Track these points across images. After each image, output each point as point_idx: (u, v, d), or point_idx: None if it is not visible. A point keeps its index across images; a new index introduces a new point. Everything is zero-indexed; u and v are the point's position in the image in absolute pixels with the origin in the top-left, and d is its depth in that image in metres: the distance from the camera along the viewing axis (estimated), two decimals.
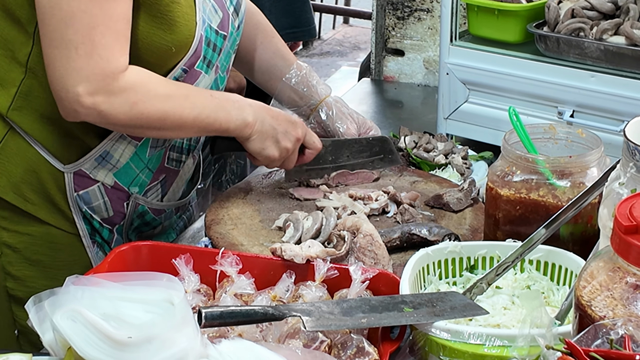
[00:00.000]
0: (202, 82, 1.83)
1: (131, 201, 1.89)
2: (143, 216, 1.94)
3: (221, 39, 1.84)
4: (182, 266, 1.49)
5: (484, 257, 1.57)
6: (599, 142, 1.63)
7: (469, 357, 1.30)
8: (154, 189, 1.93)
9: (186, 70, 1.78)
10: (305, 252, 1.54)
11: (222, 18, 1.84)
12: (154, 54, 1.72)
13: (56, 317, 1.18)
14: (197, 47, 1.76)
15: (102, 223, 1.88)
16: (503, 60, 2.22)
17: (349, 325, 1.35)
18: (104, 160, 1.82)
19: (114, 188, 1.86)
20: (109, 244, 1.92)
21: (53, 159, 1.80)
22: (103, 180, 1.84)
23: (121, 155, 1.83)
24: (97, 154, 1.81)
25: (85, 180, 1.83)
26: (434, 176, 2.03)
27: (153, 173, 1.89)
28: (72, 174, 1.81)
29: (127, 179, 1.86)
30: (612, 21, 2.10)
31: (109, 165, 1.83)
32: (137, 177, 1.87)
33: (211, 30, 1.80)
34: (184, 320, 1.20)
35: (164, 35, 1.71)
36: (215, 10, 1.82)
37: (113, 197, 1.87)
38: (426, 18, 2.81)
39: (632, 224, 1.07)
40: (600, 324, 1.04)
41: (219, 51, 1.85)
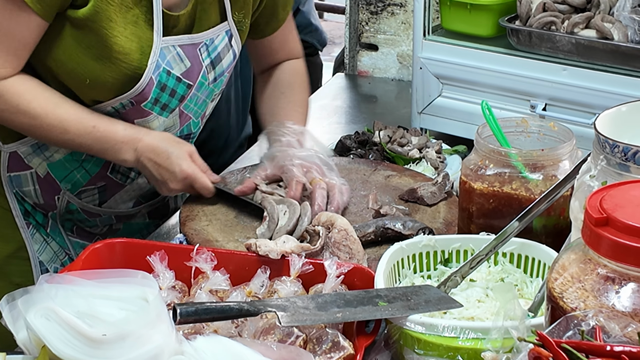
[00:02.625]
0: (156, 122, 1.85)
1: (61, 196, 1.92)
2: (73, 213, 1.97)
3: (184, 87, 1.85)
4: (156, 263, 1.49)
5: (458, 251, 1.58)
6: (570, 135, 1.65)
7: (444, 350, 1.31)
8: (89, 193, 1.95)
9: (133, 103, 1.80)
10: (280, 247, 1.54)
11: (190, 68, 1.84)
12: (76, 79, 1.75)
13: (30, 315, 1.18)
14: (145, 88, 1.77)
15: (35, 207, 1.93)
16: (476, 55, 2.23)
17: (324, 320, 1.35)
18: (39, 149, 1.86)
19: (45, 179, 1.89)
20: (44, 227, 1.96)
21: None
22: (36, 169, 1.88)
23: (56, 151, 1.87)
24: (33, 141, 1.85)
25: (19, 163, 1.88)
26: (408, 170, 2.04)
27: (90, 177, 1.92)
28: (7, 154, 1.87)
29: (60, 174, 1.89)
30: (583, 15, 2.11)
31: (43, 156, 1.87)
32: (71, 174, 1.90)
33: (170, 76, 1.81)
34: (158, 317, 1.20)
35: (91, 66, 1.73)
36: (181, 59, 1.82)
37: (44, 187, 1.91)
38: (399, 13, 2.82)
39: (602, 216, 1.08)
40: (572, 316, 1.05)
41: (180, 97, 1.85)
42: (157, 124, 1.86)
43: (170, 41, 1.79)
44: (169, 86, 1.82)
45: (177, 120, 1.89)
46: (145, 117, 1.84)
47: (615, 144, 1.27)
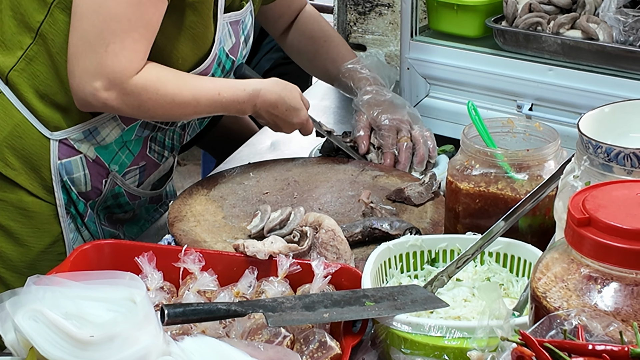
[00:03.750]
0: None
1: (109, 179, 1.95)
2: (117, 197, 2.00)
3: (229, 63, 1.97)
4: (145, 264, 1.50)
5: (444, 250, 1.59)
6: (556, 135, 1.66)
7: (430, 349, 1.32)
8: (133, 173, 2.00)
9: None
10: (267, 248, 1.55)
11: (234, 44, 1.96)
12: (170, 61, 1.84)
13: (18, 317, 1.18)
14: (210, 64, 1.89)
15: (79, 196, 1.94)
16: (463, 55, 2.24)
17: (312, 320, 1.36)
18: (91, 134, 1.89)
19: (95, 162, 1.92)
20: (82, 217, 1.97)
21: (41, 126, 1.86)
22: (86, 153, 1.90)
23: (107, 135, 1.90)
24: (85, 128, 1.88)
25: (69, 149, 1.89)
26: (395, 170, 2.05)
27: (134, 157, 1.97)
28: (57, 142, 1.88)
29: (108, 156, 1.93)
30: (569, 15, 2.12)
31: (94, 141, 1.90)
32: (117, 155, 1.94)
33: (223, 52, 1.93)
34: (146, 318, 1.21)
35: (186, 47, 1.84)
36: (230, 34, 1.94)
37: (93, 171, 1.93)
38: (387, 13, 2.82)
39: (585, 217, 1.09)
40: (555, 315, 1.06)
41: (226, 73, 1.98)
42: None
43: (225, 18, 1.91)
44: (222, 62, 1.94)
45: None
46: None
47: (599, 145, 1.29)
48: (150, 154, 2.01)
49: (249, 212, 1.85)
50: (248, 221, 1.79)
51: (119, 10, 1.70)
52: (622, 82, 2.02)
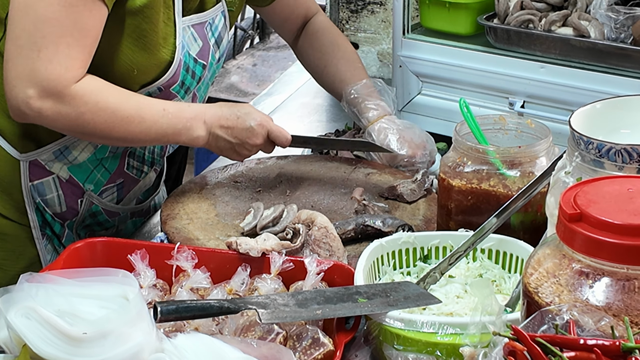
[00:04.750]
0: None
1: (85, 198, 1.89)
2: (96, 216, 1.95)
3: (200, 68, 1.88)
4: (137, 262, 1.50)
5: (437, 247, 1.59)
6: (547, 132, 1.67)
7: (423, 345, 1.33)
8: (110, 191, 1.94)
9: (161, 89, 1.81)
10: (260, 245, 1.55)
11: (202, 47, 1.87)
12: (124, 72, 1.75)
13: (10, 314, 1.18)
14: (176, 71, 1.80)
15: (54, 217, 1.89)
16: (455, 53, 2.24)
17: (304, 317, 1.36)
18: (62, 154, 1.83)
19: (69, 182, 1.86)
20: (59, 238, 1.93)
21: (9, 147, 1.81)
22: (58, 173, 1.85)
23: (80, 154, 1.84)
24: (55, 148, 1.82)
25: (40, 170, 1.84)
26: (388, 168, 2.05)
27: (110, 174, 1.91)
28: (27, 163, 1.83)
29: (82, 175, 1.87)
30: (560, 12, 2.13)
31: (65, 160, 1.84)
32: (92, 174, 1.88)
33: (189, 57, 1.84)
34: (138, 315, 1.21)
35: (140, 56, 1.74)
36: (194, 38, 1.84)
37: (67, 192, 1.87)
38: (379, 11, 2.83)
39: (576, 212, 1.09)
40: (546, 310, 1.06)
41: (197, 79, 1.89)
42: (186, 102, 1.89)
43: (186, 21, 1.81)
44: (190, 67, 1.85)
45: (189, 102, 1.91)
46: (170, 100, 1.84)
47: (590, 141, 1.29)
48: (129, 170, 1.95)
49: (241, 209, 1.85)
50: (241, 219, 1.80)
51: (49, 13, 1.61)
52: (613, 79, 2.03)
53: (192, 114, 1.78)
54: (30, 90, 1.62)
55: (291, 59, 6.54)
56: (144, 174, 2.00)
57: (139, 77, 1.77)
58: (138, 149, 1.93)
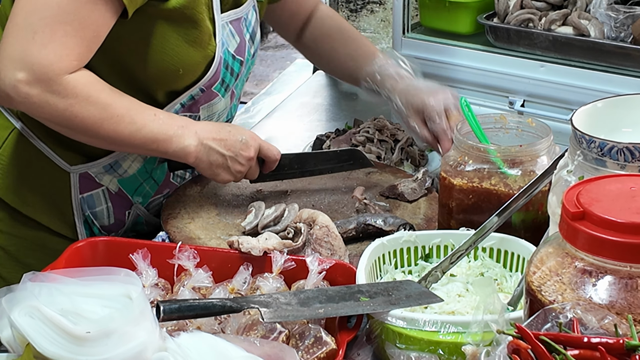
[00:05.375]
0: (219, 104, 1.85)
1: (132, 210, 1.89)
2: (136, 226, 1.95)
3: (238, 64, 1.85)
4: (139, 261, 1.50)
5: (438, 246, 1.59)
6: (548, 130, 1.67)
7: (425, 344, 1.33)
8: (157, 202, 1.94)
9: (203, 90, 1.79)
10: (262, 244, 1.55)
11: (239, 43, 1.84)
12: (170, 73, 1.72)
13: (14, 313, 1.18)
14: (217, 69, 1.77)
15: (101, 230, 1.88)
16: (454, 52, 2.25)
17: (307, 316, 1.37)
18: (112, 168, 1.82)
19: (118, 195, 1.86)
20: None
21: (59, 160, 1.80)
22: (108, 186, 1.84)
23: (129, 167, 1.84)
24: (106, 162, 1.81)
25: (90, 182, 1.82)
26: (388, 167, 2.05)
27: (158, 186, 1.91)
28: (77, 175, 1.81)
29: (131, 188, 1.87)
30: (560, 12, 2.14)
31: (115, 174, 1.83)
32: (141, 186, 1.88)
33: (228, 53, 1.81)
34: (142, 315, 1.21)
35: (189, 53, 1.71)
36: (232, 35, 1.82)
37: (116, 204, 1.87)
38: (379, 10, 2.83)
39: (579, 210, 1.10)
40: (550, 308, 1.07)
41: (236, 76, 1.86)
42: (220, 106, 1.86)
43: (224, 18, 1.79)
44: (229, 64, 1.82)
45: (228, 101, 1.89)
46: (212, 100, 1.82)
47: (592, 140, 1.29)
48: (174, 179, 1.93)
49: (242, 208, 1.85)
50: (242, 218, 1.80)
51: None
52: (613, 77, 2.04)
53: (183, 122, 1.72)
54: (20, 73, 1.55)
55: (289, 58, 6.55)
56: (184, 180, 1.97)
57: (185, 77, 1.75)
58: None
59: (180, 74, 1.73)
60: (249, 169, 1.79)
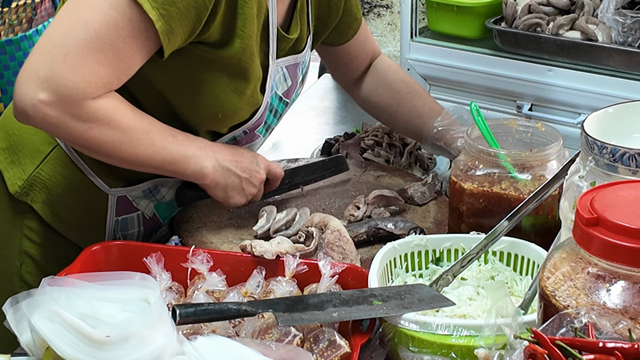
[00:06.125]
0: (258, 144, 1.86)
1: (159, 232, 1.90)
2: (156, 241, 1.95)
3: (283, 106, 1.84)
4: (153, 265, 1.51)
5: (449, 250, 1.60)
6: (558, 135, 1.68)
7: (437, 347, 1.34)
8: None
9: (246, 132, 1.79)
10: (275, 248, 1.56)
11: (290, 86, 1.83)
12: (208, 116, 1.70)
13: (34, 317, 1.20)
14: (262, 114, 1.77)
15: None
16: (462, 56, 2.26)
17: (321, 320, 1.38)
18: (151, 193, 1.84)
19: (151, 219, 1.87)
20: None
21: (99, 182, 1.80)
22: (144, 210, 1.85)
23: (167, 193, 1.85)
24: (145, 187, 1.82)
25: (127, 206, 1.83)
26: (397, 170, 2.07)
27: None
28: (115, 198, 1.82)
29: (165, 213, 1.88)
30: (568, 16, 2.15)
31: (153, 199, 1.84)
32: (174, 211, 1.89)
33: (276, 96, 1.80)
34: (160, 318, 1.22)
35: (232, 100, 1.69)
36: (284, 78, 1.81)
37: (147, 228, 1.88)
38: (386, 14, 2.85)
39: (593, 216, 1.11)
40: (565, 313, 1.08)
41: (279, 116, 1.86)
42: (258, 145, 1.87)
43: (280, 63, 1.78)
44: (275, 107, 1.82)
45: (267, 137, 1.90)
46: (253, 141, 1.83)
47: (604, 145, 1.31)
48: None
49: (253, 213, 1.86)
50: (253, 222, 1.81)
51: (90, 21, 1.51)
52: (620, 82, 2.05)
53: (202, 143, 1.71)
54: (42, 94, 1.51)
55: None
56: None
57: (224, 121, 1.74)
58: None
59: (219, 118, 1.71)
60: (255, 193, 1.80)
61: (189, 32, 1.57)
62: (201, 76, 1.66)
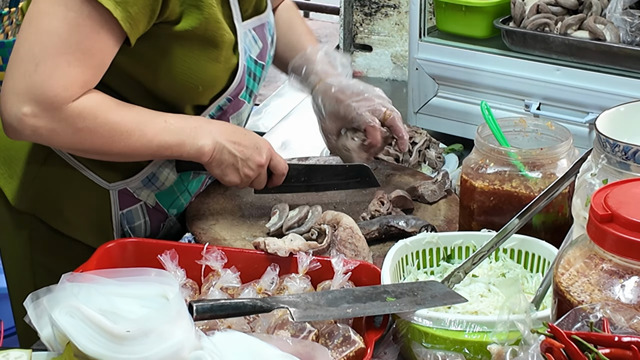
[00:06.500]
0: (246, 111, 1.86)
1: (167, 223, 1.92)
2: (166, 236, 1.96)
3: (260, 69, 1.85)
4: (167, 262, 1.52)
5: (460, 247, 1.62)
6: (568, 134, 1.69)
7: (450, 343, 1.35)
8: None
9: (230, 100, 1.80)
10: (288, 245, 1.58)
11: (262, 48, 1.84)
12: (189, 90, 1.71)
13: (55, 313, 1.21)
14: (241, 78, 1.77)
15: None
16: (471, 55, 2.27)
17: (335, 316, 1.39)
18: (150, 182, 1.84)
19: (155, 209, 1.88)
20: None
21: (97, 178, 1.81)
22: (146, 200, 1.86)
23: (166, 179, 1.85)
24: (143, 176, 1.83)
25: (129, 198, 1.84)
26: (407, 169, 2.08)
27: (191, 196, 1.93)
28: (117, 192, 1.83)
29: (168, 201, 1.89)
30: (576, 16, 2.16)
31: (153, 187, 1.85)
32: (177, 199, 1.90)
33: (251, 60, 1.81)
34: (179, 314, 1.24)
35: (212, 69, 1.71)
36: (255, 41, 1.82)
37: (153, 218, 1.89)
38: (393, 14, 2.86)
39: (607, 213, 1.12)
40: (580, 309, 1.09)
41: (258, 80, 1.86)
42: (246, 113, 1.87)
43: (246, 26, 1.79)
44: (252, 71, 1.82)
45: (252, 104, 1.90)
46: (240, 109, 1.83)
47: (616, 144, 1.32)
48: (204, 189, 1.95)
49: (265, 210, 1.88)
50: (265, 219, 1.82)
51: (52, 28, 1.54)
52: (628, 81, 2.06)
53: (196, 122, 1.72)
54: (25, 107, 1.55)
55: None
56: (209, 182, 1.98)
57: (206, 92, 1.75)
58: None
59: (200, 90, 1.73)
60: (257, 175, 1.80)
61: (149, 14, 1.59)
62: (173, 54, 1.68)
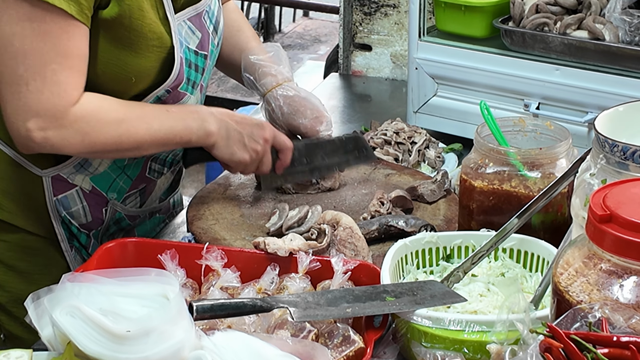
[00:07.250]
0: (190, 101, 1.86)
1: (109, 207, 1.91)
2: (119, 222, 1.96)
3: (202, 59, 1.85)
4: (168, 261, 1.53)
5: (459, 247, 1.63)
6: (567, 134, 1.70)
7: (450, 342, 1.36)
8: (133, 197, 1.95)
9: (169, 91, 1.79)
10: (288, 245, 1.58)
11: (201, 38, 1.84)
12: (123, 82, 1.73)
13: (55, 313, 1.21)
14: (179, 70, 1.77)
15: (80, 228, 1.90)
16: (470, 55, 2.27)
17: (335, 315, 1.40)
18: (82, 167, 1.83)
19: (92, 193, 1.87)
20: (86, 249, 1.93)
21: (29, 165, 1.81)
22: (81, 185, 1.85)
23: (100, 164, 1.84)
24: (75, 161, 1.82)
25: (63, 184, 1.84)
26: (407, 169, 2.08)
27: (132, 181, 1.92)
28: (50, 178, 1.82)
29: (105, 185, 1.88)
30: (575, 16, 2.16)
31: (87, 172, 1.84)
32: (115, 182, 1.89)
33: (190, 51, 1.81)
34: (179, 314, 1.24)
35: (134, 61, 1.71)
36: (192, 32, 1.82)
37: (91, 203, 1.88)
38: (392, 13, 2.86)
39: (606, 213, 1.13)
40: (579, 308, 1.10)
41: (201, 71, 1.87)
42: (191, 103, 1.87)
43: (180, 17, 1.78)
44: (192, 62, 1.82)
45: (198, 95, 1.90)
46: (181, 100, 1.83)
47: (615, 144, 1.32)
48: (150, 174, 1.95)
49: (265, 210, 1.88)
50: (265, 219, 1.83)
51: (26, 46, 1.59)
52: (628, 81, 2.06)
53: (196, 108, 1.80)
54: (29, 123, 1.61)
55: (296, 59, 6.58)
56: (162, 174, 1.99)
57: (140, 83, 1.75)
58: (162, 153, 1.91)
59: (133, 82, 1.74)
60: (265, 152, 1.83)
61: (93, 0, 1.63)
62: (101, 43, 1.69)
